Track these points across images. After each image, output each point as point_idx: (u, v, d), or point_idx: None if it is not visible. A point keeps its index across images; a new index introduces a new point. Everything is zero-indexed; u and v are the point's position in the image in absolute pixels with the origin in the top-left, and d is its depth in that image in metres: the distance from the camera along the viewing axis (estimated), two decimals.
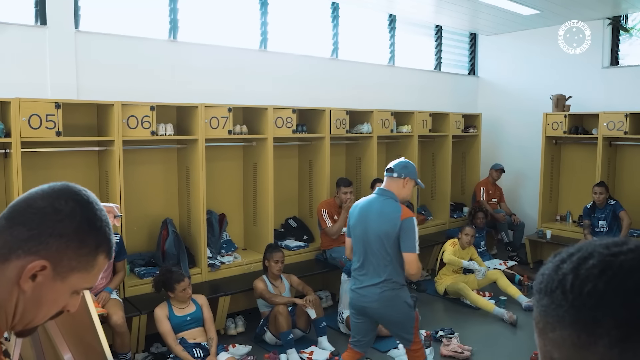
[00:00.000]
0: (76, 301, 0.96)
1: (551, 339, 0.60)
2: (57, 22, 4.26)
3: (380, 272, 3.13)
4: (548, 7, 6.24)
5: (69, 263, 0.89)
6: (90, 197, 0.94)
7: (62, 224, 0.88)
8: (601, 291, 0.56)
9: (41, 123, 3.80)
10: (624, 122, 6.06)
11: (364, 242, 3.17)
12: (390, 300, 3.13)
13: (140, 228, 4.70)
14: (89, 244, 0.91)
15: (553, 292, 0.60)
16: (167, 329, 3.85)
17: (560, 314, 0.59)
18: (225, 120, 4.72)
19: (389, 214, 3.08)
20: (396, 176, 3.15)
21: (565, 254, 0.63)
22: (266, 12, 5.59)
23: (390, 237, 3.06)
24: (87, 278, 0.93)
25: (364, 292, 3.18)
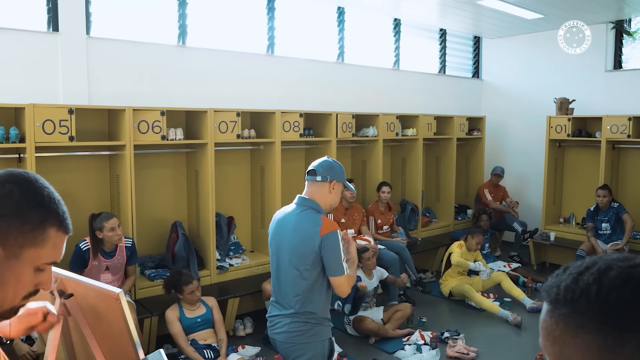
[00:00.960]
0: (45, 278, 0.98)
1: (572, 345, 0.66)
2: (69, 29, 4.33)
3: (292, 302, 2.45)
4: (552, 12, 6.30)
5: (15, 241, 0.92)
6: (30, 176, 0.97)
7: (0, 205, 0.92)
8: (628, 299, 0.63)
9: (55, 128, 3.87)
10: (627, 125, 6.11)
11: (277, 263, 2.53)
12: (300, 335, 2.44)
13: (150, 231, 4.77)
14: (32, 220, 0.93)
15: (575, 302, 0.66)
16: (178, 330, 3.92)
17: (584, 322, 0.65)
18: (234, 124, 4.79)
19: (306, 230, 2.42)
20: (320, 180, 2.49)
21: (580, 267, 0.69)
22: (273, 17, 5.66)
23: (307, 259, 2.40)
24: (43, 252, 0.95)
25: (274, 321, 2.53)
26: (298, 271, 2.43)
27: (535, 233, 6.83)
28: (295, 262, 2.43)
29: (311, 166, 2.58)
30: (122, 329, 1.29)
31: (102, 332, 1.40)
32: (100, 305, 1.33)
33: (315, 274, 2.42)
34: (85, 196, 4.41)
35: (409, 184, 6.76)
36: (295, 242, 2.44)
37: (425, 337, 4.54)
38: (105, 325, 1.35)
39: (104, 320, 1.34)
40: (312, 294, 2.44)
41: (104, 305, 1.31)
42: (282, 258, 2.50)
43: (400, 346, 4.44)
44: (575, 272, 0.69)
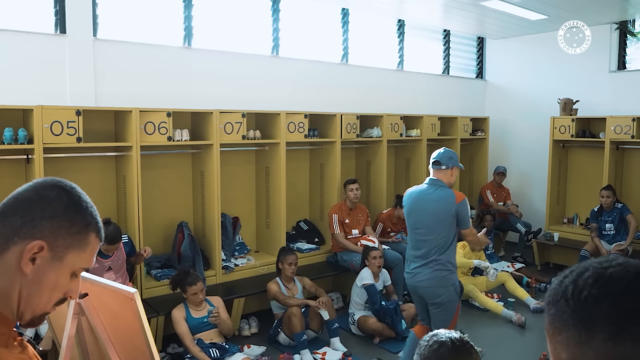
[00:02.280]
0: (76, 286, 1.03)
1: (559, 342, 0.72)
2: (76, 31, 4.37)
3: (432, 254, 3.39)
4: (556, 13, 6.31)
5: (63, 242, 0.97)
6: (72, 184, 1.03)
7: (51, 207, 0.97)
8: (595, 296, 0.69)
9: (62, 129, 3.91)
10: (631, 126, 6.12)
11: (418, 227, 3.46)
12: (440, 280, 3.40)
13: (156, 231, 4.81)
14: (79, 223, 0.99)
15: (558, 302, 0.73)
16: (184, 330, 3.95)
17: (564, 319, 0.71)
18: (239, 125, 4.82)
19: (445, 200, 3.37)
20: (444, 168, 3.45)
21: (568, 271, 0.76)
22: (278, 19, 5.69)
23: (447, 221, 3.37)
24: (82, 257, 1.00)
25: (416, 272, 3.47)
26: (437, 230, 3.36)
27: (539, 233, 6.84)
28: (435, 224, 3.36)
29: (434, 157, 3.49)
30: (136, 328, 1.32)
31: (116, 331, 1.43)
32: (114, 305, 1.36)
33: (449, 232, 3.37)
34: (92, 197, 4.29)
35: (413, 184, 6.74)
36: (437, 210, 3.37)
37: None
38: (120, 324, 1.38)
39: (118, 319, 1.37)
40: (446, 247, 3.37)
41: (119, 304, 1.34)
42: (423, 221, 3.42)
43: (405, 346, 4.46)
44: (562, 276, 0.76)
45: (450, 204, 3.35)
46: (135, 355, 1.40)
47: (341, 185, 5.64)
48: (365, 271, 4.85)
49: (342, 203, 5.52)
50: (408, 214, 3.55)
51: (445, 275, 3.40)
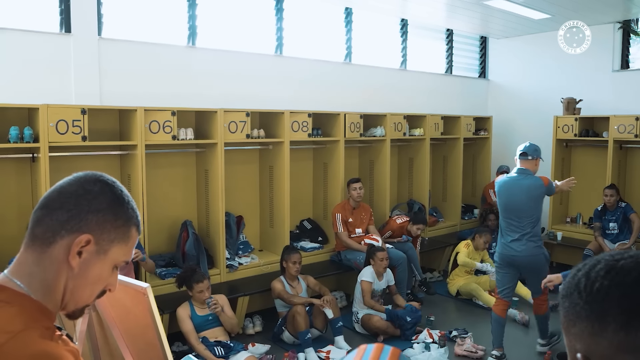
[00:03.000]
0: (115, 279, 1.05)
1: (573, 334, 0.74)
2: (81, 30, 4.39)
3: (526, 229, 4.07)
4: (559, 12, 6.31)
5: (108, 235, 0.99)
6: (112, 178, 1.05)
7: (96, 201, 0.99)
8: (606, 287, 0.71)
9: (68, 128, 3.93)
10: (634, 125, 6.12)
11: (513, 208, 4.12)
12: (533, 250, 4.09)
13: (160, 230, 4.82)
14: (122, 216, 1.02)
15: (571, 295, 0.75)
16: (189, 328, 3.96)
17: (578, 311, 0.73)
18: (244, 124, 4.84)
19: (535, 185, 4.08)
20: (530, 158, 4.14)
21: (581, 264, 0.78)
22: (281, 18, 5.70)
23: (539, 201, 4.12)
24: (124, 250, 1.03)
25: (513, 245, 4.11)
26: (530, 211, 4.07)
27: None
28: (529, 205, 4.07)
29: (522, 150, 4.16)
30: (148, 323, 1.33)
31: (127, 326, 1.44)
32: (126, 300, 1.37)
33: (539, 210, 4.14)
34: None
35: (416, 184, 6.78)
36: (529, 194, 4.06)
37: (433, 336, 4.57)
38: (132, 319, 1.39)
39: (130, 314, 1.38)
40: (536, 222, 4.11)
41: (130, 299, 1.35)
42: (518, 204, 4.09)
43: (409, 344, 4.47)
44: (575, 269, 0.78)
45: (540, 188, 4.08)
46: (146, 350, 1.41)
47: (344, 184, 5.65)
48: (367, 269, 4.86)
49: (346, 202, 5.53)
50: (502, 198, 4.22)
51: (538, 246, 4.13)
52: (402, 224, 5.78)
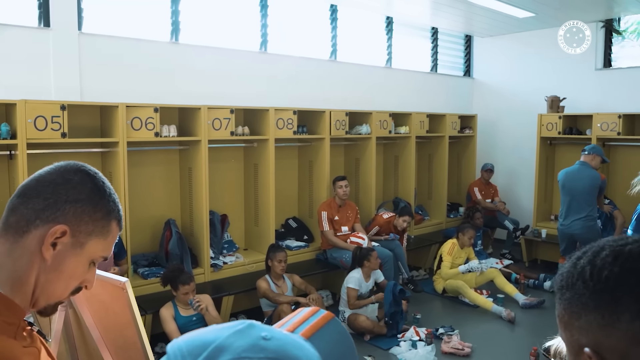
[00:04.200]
0: (92, 275, 0.99)
1: (578, 327, 0.69)
2: (61, 24, 4.28)
3: (583, 211, 5.04)
4: (543, 10, 6.35)
5: (86, 228, 0.93)
6: (94, 169, 0.99)
7: (75, 190, 0.93)
8: (617, 274, 0.66)
9: (47, 125, 3.82)
10: (617, 123, 6.18)
11: (574, 193, 5.08)
12: (589, 227, 5.06)
13: (143, 229, 4.73)
14: (102, 209, 0.96)
15: (574, 285, 0.69)
16: (173, 328, 3.89)
17: (584, 301, 0.68)
18: (228, 121, 4.77)
19: (592, 176, 5.05)
20: (587, 153, 5.10)
21: (580, 253, 0.73)
22: (266, 14, 5.64)
23: (594, 189, 5.05)
24: (103, 245, 0.97)
25: (572, 224, 5.10)
26: (587, 196, 5.04)
27: (526, 230, 6.87)
28: (586, 191, 5.03)
29: (585, 148, 5.19)
30: (127, 319, 1.28)
31: (106, 323, 1.38)
32: (104, 295, 1.30)
33: (594, 196, 5.08)
34: None
35: (402, 182, 6.77)
36: (587, 182, 5.03)
37: (420, 334, 4.55)
38: (111, 316, 1.33)
39: (109, 311, 1.32)
40: (592, 205, 5.07)
41: (109, 295, 1.29)
42: (577, 189, 5.06)
43: (396, 343, 4.44)
44: (575, 258, 0.72)
45: (596, 180, 5.04)
46: (125, 347, 1.35)
47: (330, 182, 5.60)
48: (355, 274, 4.82)
49: (332, 200, 5.49)
50: (563, 185, 5.16)
51: (593, 224, 5.10)
52: (389, 219, 5.78)
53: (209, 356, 0.46)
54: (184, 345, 0.48)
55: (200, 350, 0.47)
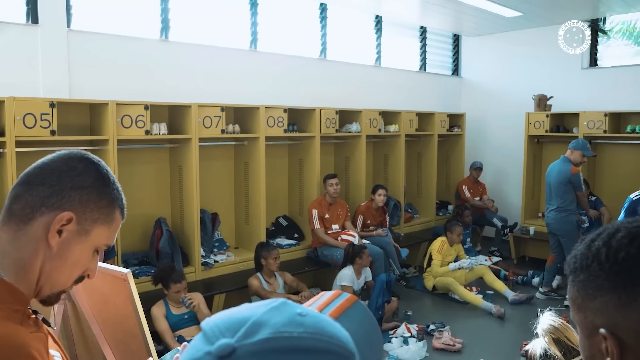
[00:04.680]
0: (95, 264, 0.99)
1: (592, 309, 0.69)
2: (49, 21, 4.24)
3: (554, 203, 5.31)
4: (530, 10, 6.41)
5: (91, 215, 0.94)
6: (98, 158, 1.00)
7: (80, 178, 0.93)
8: (634, 255, 0.66)
9: (36, 122, 3.78)
10: (603, 121, 6.26)
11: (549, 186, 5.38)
12: (561, 218, 5.28)
13: (133, 227, 4.70)
14: (107, 197, 0.96)
15: (589, 267, 0.69)
16: (164, 327, 3.87)
17: (599, 283, 0.68)
18: (218, 119, 4.75)
19: (562, 170, 5.28)
20: (569, 147, 5.34)
21: (594, 235, 0.73)
22: (256, 13, 5.63)
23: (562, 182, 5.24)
24: (107, 233, 0.97)
25: (548, 215, 5.42)
26: (557, 188, 5.27)
27: (515, 227, 6.94)
28: (557, 183, 5.27)
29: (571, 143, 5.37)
30: (128, 311, 1.27)
31: (106, 316, 1.37)
32: (104, 287, 1.30)
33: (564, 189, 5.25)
34: None
35: (392, 180, 6.79)
36: (557, 176, 5.30)
37: (411, 330, 4.58)
38: (111, 308, 1.33)
39: (109, 303, 1.31)
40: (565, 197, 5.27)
41: (109, 286, 1.28)
42: (551, 183, 5.35)
43: (387, 339, 4.46)
44: (589, 240, 0.72)
45: (564, 173, 5.22)
46: (126, 341, 1.34)
47: (321, 180, 5.61)
48: (347, 271, 4.83)
49: (322, 198, 5.49)
50: (546, 177, 5.46)
51: (564, 216, 5.25)
52: (367, 203, 5.90)
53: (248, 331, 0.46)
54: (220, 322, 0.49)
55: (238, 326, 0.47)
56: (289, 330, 0.47)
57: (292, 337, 0.46)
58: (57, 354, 0.97)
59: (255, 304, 0.51)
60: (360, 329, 0.53)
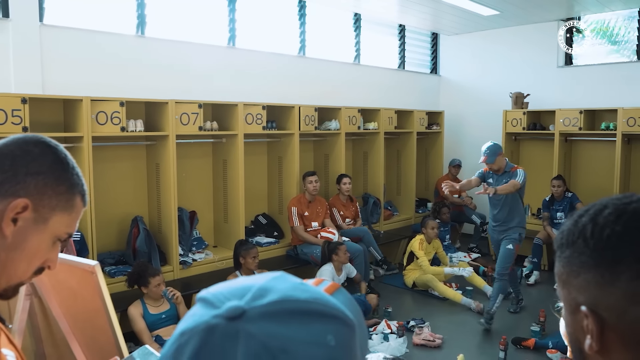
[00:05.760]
0: (56, 255, 0.94)
1: (575, 285, 0.68)
2: (21, 15, 4.13)
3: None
4: (507, 9, 6.47)
5: (49, 202, 0.88)
6: (55, 142, 0.94)
7: (36, 163, 0.88)
8: (619, 233, 0.64)
9: (7, 119, 3.68)
10: (578, 118, 6.35)
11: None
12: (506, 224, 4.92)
13: (109, 226, 4.61)
14: (65, 182, 0.91)
15: (575, 243, 0.68)
16: (142, 327, 3.80)
17: (584, 260, 0.66)
18: (196, 116, 4.70)
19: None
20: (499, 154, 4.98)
21: (582, 211, 0.71)
22: (234, 9, 5.58)
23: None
24: (67, 221, 0.92)
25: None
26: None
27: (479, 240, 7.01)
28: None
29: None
30: (97, 305, 1.23)
31: (74, 311, 1.33)
32: (72, 282, 1.25)
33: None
34: None
35: (371, 178, 6.80)
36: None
37: (391, 326, 4.58)
38: (80, 303, 1.28)
39: (77, 298, 1.27)
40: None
41: (77, 280, 1.24)
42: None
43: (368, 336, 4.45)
44: (576, 216, 0.70)
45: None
46: (96, 336, 1.30)
47: (300, 178, 5.59)
48: (326, 268, 4.81)
49: (301, 196, 5.47)
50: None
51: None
52: (334, 196, 5.99)
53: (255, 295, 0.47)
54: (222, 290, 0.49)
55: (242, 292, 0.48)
56: (296, 295, 0.48)
57: (300, 301, 0.48)
58: (10, 354, 0.91)
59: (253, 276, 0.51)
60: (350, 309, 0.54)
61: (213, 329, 0.46)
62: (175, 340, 0.48)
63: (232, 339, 0.45)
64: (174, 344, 0.48)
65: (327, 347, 0.47)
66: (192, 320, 0.47)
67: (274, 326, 0.46)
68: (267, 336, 0.45)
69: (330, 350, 0.47)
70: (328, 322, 0.48)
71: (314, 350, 0.46)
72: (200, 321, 0.46)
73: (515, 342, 4.35)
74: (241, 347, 0.44)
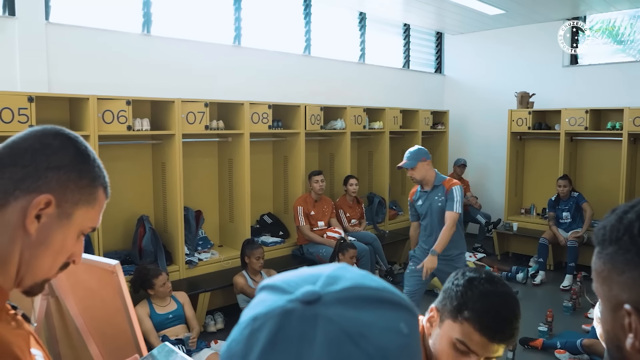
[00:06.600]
0: (80, 249, 0.92)
1: (619, 282, 0.66)
2: (27, 13, 4.12)
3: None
4: (512, 8, 6.45)
5: (72, 196, 0.85)
6: (74, 133, 0.91)
7: (56, 156, 0.85)
8: None
9: (13, 117, 3.67)
10: (584, 117, 6.33)
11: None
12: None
13: (115, 226, 4.60)
14: (87, 175, 0.88)
15: (620, 239, 0.66)
16: (149, 327, 3.78)
17: (629, 258, 0.65)
18: (202, 115, 4.68)
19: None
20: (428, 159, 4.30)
21: (626, 207, 0.69)
22: (240, 8, 5.56)
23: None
24: (91, 214, 0.90)
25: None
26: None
27: (498, 224, 6.98)
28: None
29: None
30: (117, 305, 1.21)
31: (92, 312, 1.31)
32: (91, 281, 1.24)
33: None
34: None
35: (376, 177, 6.78)
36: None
37: None
38: (98, 303, 1.27)
39: (96, 298, 1.25)
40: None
41: (96, 280, 1.22)
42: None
43: None
44: (621, 212, 0.69)
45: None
46: (114, 337, 1.28)
47: (306, 177, 5.57)
48: None
49: (307, 195, 5.45)
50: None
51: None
52: (341, 197, 5.94)
53: (327, 282, 0.48)
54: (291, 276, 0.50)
55: (314, 279, 0.49)
56: (367, 283, 0.49)
57: (372, 288, 0.49)
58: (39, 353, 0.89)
59: (315, 267, 0.52)
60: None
61: (289, 313, 0.46)
62: (247, 325, 0.48)
63: (310, 323, 0.45)
64: (245, 329, 0.48)
65: (400, 334, 0.48)
66: (263, 305, 0.48)
67: (350, 311, 0.46)
68: (346, 320, 0.46)
69: (403, 338, 0.48)
70: (399, 310, 0.49)
71: (390, 336, 0.47)
72: (275, 305, 0.47)
73: (523, 342, 4.34)
74: (320, 330, 0.45)
